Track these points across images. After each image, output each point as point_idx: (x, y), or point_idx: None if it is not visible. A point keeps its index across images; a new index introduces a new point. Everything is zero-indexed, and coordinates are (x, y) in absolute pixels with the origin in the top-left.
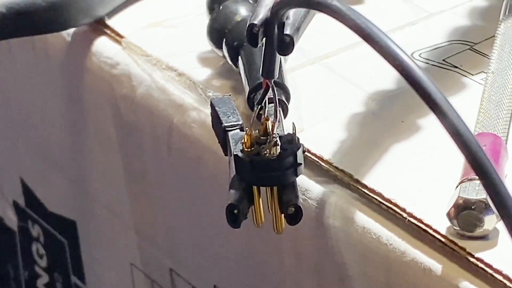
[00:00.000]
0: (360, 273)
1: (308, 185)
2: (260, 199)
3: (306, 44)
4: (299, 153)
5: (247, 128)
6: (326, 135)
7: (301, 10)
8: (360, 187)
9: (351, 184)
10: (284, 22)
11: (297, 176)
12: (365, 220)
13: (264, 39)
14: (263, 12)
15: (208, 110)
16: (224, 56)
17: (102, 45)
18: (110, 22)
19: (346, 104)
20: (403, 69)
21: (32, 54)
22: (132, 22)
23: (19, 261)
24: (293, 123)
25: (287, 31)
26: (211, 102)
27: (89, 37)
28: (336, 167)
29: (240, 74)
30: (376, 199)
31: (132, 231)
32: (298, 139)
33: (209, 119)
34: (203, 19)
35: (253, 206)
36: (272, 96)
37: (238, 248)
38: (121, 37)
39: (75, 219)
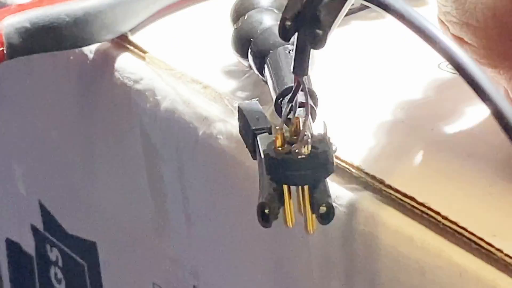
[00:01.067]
0: (392, 280)
1: (338, 192)
2: (291, 200)
3: (334, 53)
4: (330, 152)
5: (277, 127)
6: (355, 143)
7: (335, 2)
8: (392, 192)
9: (382, 189)
10: (317, 16)
11: (328, 174)
12: (397, 224)
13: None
14: (295, 6)
15: (234, 121)
16: (249, 66)
17: (125, 60)
18: (133, 38)
19: (374, 113)
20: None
21: (53, 73)
22: (156, 37)
23: (37, 286)
24: (324, 122)
25: (320, 24)
26: (238, 107)
27: (111, 54)
28: (367, 173)
29: (267, 83)
30: (409, 203)
31: (155, 249)
32: (329, 138)
33: (235, 130)
34: (227, 32)
35: (283, 207)
36: (304, 97)
37: (264, 260)
38: (145, 52)
39: (96, 240)
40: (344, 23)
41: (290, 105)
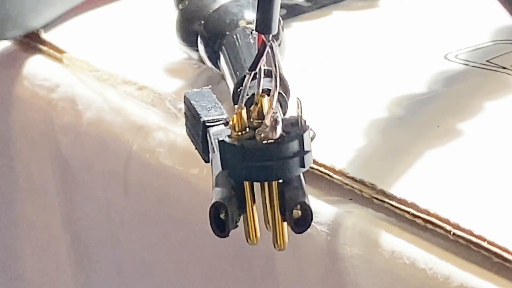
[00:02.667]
0: None
1: (316, 207)
2: (255, 205)
3: (314, 43)
4: (306, 137)
5: (235, 106)
6: (339, 143)
7: None
8: (386, 199)
9: (373, 197)
10: None
11: (304, 167)
12: (394, 242)
13: None
14: None
15: (179, 129)
16: (200, 59)
17: (37, 64)
18: (46, 36)
19: (363, 109)
20: None
21: None
22: (75, 34)
23: None
24: (297, 98)
25: None
26: (185, 96)
27: (19, 57)
28: (352, 178)
29: (223, 75)
30: (409, 213)
31: None
32: (305, 121)
33: (180, 140)
34: (165, 26)
35: (245, 214)
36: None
37: None
38: (62, 52)
39: None
40: (325, 13)
41: (253, 73)
